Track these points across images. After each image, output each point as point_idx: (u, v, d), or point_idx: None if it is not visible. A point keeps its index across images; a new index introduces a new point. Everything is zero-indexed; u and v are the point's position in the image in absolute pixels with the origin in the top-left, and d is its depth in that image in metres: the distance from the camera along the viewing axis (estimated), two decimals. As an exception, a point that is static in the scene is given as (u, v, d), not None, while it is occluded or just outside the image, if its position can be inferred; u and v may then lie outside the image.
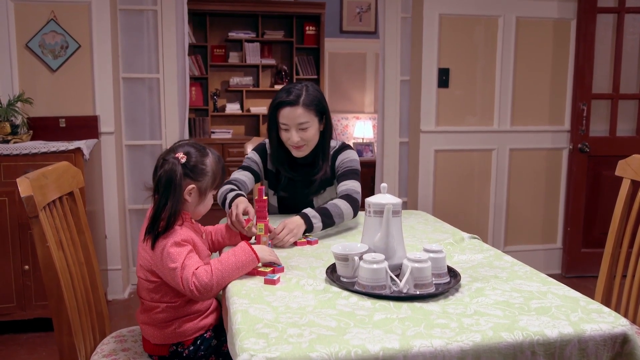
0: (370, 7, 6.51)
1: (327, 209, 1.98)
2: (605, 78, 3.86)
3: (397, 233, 1.49)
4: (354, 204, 2.05)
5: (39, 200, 1.47)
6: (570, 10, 3.79)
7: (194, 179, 1.62)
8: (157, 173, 1.61)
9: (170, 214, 1.54)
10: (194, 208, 1.67)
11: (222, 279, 1.49)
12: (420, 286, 1.37)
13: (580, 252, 3.93)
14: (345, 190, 2.09)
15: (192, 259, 1.53)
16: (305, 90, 2.09)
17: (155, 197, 1.60)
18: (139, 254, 1.65)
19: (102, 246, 3.37)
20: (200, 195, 1.65)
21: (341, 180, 2.15)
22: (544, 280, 1.50)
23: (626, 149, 3.82)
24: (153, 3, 3.51)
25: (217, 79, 6.32)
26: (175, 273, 1.51)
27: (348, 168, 2.18)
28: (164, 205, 1.54)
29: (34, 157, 2.85)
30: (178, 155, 1.59)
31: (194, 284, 1.48)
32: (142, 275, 1.65)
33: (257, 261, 1.53)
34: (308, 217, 1.91)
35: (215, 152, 1.71)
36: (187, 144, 1.65)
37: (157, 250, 1.55)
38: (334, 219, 1.97)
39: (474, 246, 1.84)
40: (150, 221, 1.56)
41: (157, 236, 1.55)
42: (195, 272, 1.50)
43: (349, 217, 2.04)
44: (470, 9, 3.70)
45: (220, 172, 1.70)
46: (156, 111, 3.60)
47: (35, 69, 3.25)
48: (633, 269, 1.96)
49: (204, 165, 1.64)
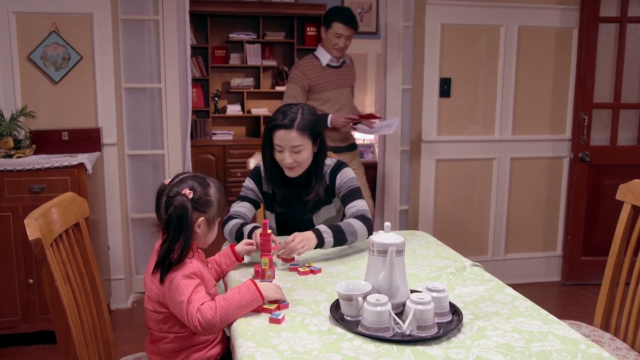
0: (371, 7, 6.49)
1: (340, 226, 2.03)
2: (606, 87, 3.86)
3: (400, 272, 1.51)
4: (367, 223, 2.09)
5: (46, 238, 1.49)
6: (572, 20, 3.79)
7: (202, 212, 1.67)
8: (161, 210, 1.64)
9: (183, 248, 1.58)
10: (204, 239, 1.72)
11: (225, 316, 1.52)
12: (423, 328, 1.39)
13: (580, 260, 3.96)
14: (357, 212, 2.14)
15: (199, 294, 1.56)
16: (300, 114, 2.12)
17: (164, 232, 1.63)
18: (147, 285, 1.67)
19: (106, 256, 3.40)
20: (208, 226, 1.70)
21: (348, 201, 2.19)
22: (544, 318, 1.52)
23: (627, 158, 3.85)
24: (155, 13, 3.51)
25: (218, 80, 6.31)
26: (182, 307, 1.54)
27: (350, 188, 2.22)
28: (176, 240, 1.57)
29: (38, 172, 2.86)
30: (185, 192, 1.62)
31: (198, 319, 1.51)
32: (150, 307, 1.67)
33: (262, 300, 1.55)
34: (319, 231, 1.97)
35: (214, 180, 1.76)
36: (187, 178, 1.68)
37: (166, 281, 1.58)
38: (346, 236, 2.02)
39: (475, 276, 1.86)
40: (162, 257, 1.58)
41: (168, 269, 1.58)
42: (200, 307, 1.52)
43: (363, 237, 2.08)
44: (472, 19, 3.70)
45: (223, 200, 1.74)
46: (158, 121, 3.61)
47: (38, 81, 3.25)
48: (632, 293, 1.98)
49: (208, 196, 1.68)
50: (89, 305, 1.76)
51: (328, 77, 3.56)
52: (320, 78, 3.54)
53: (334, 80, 3.58)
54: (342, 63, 3.64)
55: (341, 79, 3.61)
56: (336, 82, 3.58)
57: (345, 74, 3.66)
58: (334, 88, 3.58)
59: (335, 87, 3.58)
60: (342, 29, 3.46)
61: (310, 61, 3.59)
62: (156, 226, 1.66)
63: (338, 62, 3.61)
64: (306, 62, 3.59)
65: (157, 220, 1.68)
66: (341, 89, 3.61)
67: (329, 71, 3.57)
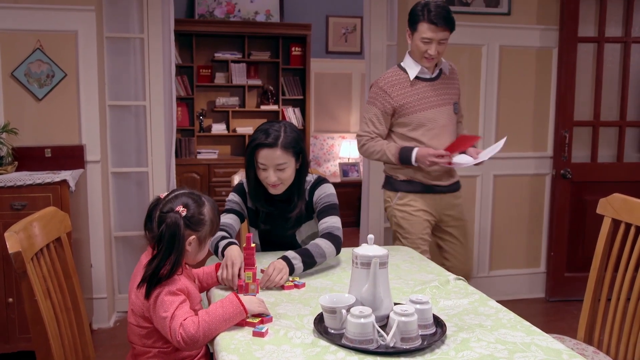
0: (355, 27, 6.57)
1: (308, 249, 2.02)
2: (586, 105, 3.93)
3: (383, 284, 1.51)
4: (335, 241, 2.09)
5: (27, 251, 1.48)
6: (551, 40, 3.87)
7: (194, 230, 1.66)
8: (153, 223, 1.63)
9: (173, 265, 1.57)
10: (194, 256, 1.71)
11: (209, 330, 1.51)
12: (407, 339, 1.39)
13: (564, 276, 3.98)
14: (326, 229, 2.13)
15: (183, 309, 1.55)
16: (283, 132, 2.12)
17: (153, 247, 1.62)
18: (131, 300, 1.66)
19: (88, 275, 3.35)
20: (199, 244, 1.69)
21: (321, 217, 2.19)
22: (527, 329, 1.53)
23: (607, 175, 3.91)
24: (140, 31, 3.52)
25: (203, 99, 6.32)
26: (165, 322, 1.53)
27: (326, 204, 2.21)
28: (167, 257, 1.56)
29: (19, 189, 2.83)
30: (178, 209, 1.61)
31: (181, 334, 1.50)
32: (134, 321, 1.66)
33: (245, 313, 1.54)
34: (288, 258, 1.95)
35: (210, 199, 1.74)
36: (182, 195, 1.67)
37: (151, 297, 1.57)
38: (315, 259, 2.01)
39: (459, 289, 1.86)
40: (151, 273, 1.56)
41: (155, 285, 1.56)
42: (183, 323, 1.51)
43: (331, 256, 2.08)
44: (455, 38, 3.71)
45: (217, 219, 1.74)
46: (142, 138, 3.60)
47: (21, 97, 3.24)
48: (614, 307, 2.00)
49: (202, 215, 1.67)
50: (70, 322, 1.74)
51: (419, 94, 2.76)
52: (407, 96, 2.75)
53: (428, 98, 2.77)
54: (439, 73, 2.83)
55: (438, 94, 2.80)
56: (431, 100, 2.77)
57: (444, 88, 2.83)
58: (428, 107, 2.76)
59: (429, 106, 2.77)
60: (431, 31, 2.63)
61: (394, 74, 2.80)
62: (146, 239, 1.66)
63: (432, 72, 2.82)
64: (389, 76, 2.81)
65: (146, 233, 1.67)
66: (438, 107, 2.78)
67: (420, 86, 2.77)
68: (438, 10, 2.63)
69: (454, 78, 2.90)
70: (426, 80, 2.79)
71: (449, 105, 2.82)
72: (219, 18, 6.13)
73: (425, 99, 2.76)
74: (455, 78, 2.92)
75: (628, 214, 1.98)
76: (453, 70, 2.91)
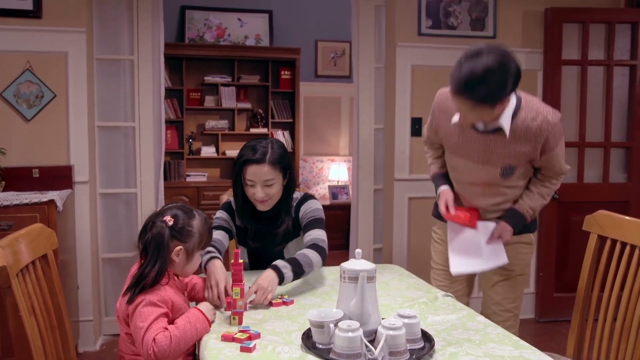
0: (344, 51, 6.65)
1: (297, 258, 2.03)
2: (571, 127, 3.98)
3: (371, 298, 1.51)
4: (321, 252, 2.10)
5: (12, 267, 1.46)
6: (536, 62, 3.94)
7: (181, 241, 1.70)
8: (144, 235, 1.67)
9: (157, 273, 1.61)
10: (182, 268, 1.74)
11: (178, 345, 1.54)
12: (395, 353, 1.39)
13: (553, 296, 3.99)
14: (311, 240, 2.14)
15: (159, 323, 1.56)
16: (270, 148, 2.14)
17: (142, 257, 1.66)
18: (118, 306, 1.68)
19: (74, 296, 3.31)
20: (187, 256, 1.73)
21: (307, 230, 2.20)
22: (516, 344, 1.53)
23: (594, 195, 3.94)
24: (130, 53, 3.55)
25: (193, 122, 6.34)
26: (140, 333, 1.55)
27: (312, 218, 2.23)
28: (152, 265, 1.60)
29: (6, 209, 2.81)
30: (166, 219, 1.66)
31: (153, 348, 1.52)
32: (122, 328, 1.69)
33: (209, 326, 1.62)
34: (278, 267, 1.95)
35: (202, 213, 1.78)
36: (175, 207, 1.73)
37: (133, 303, 1.59)
38: (303, 268, 2.02)
39: (447, 305, 1.86)
40: (136, 279, 1.60)
41: (139, 292, 1.59)
42: (156, 337, 1.53)
43: (318, 266, 2.09)
44: (441, 60, 3.81)
45: (206, 233, 1.77)
46: (131, 159, 3.60)
47: (10, 118, 3.23)
48: (601, 326, 2.00)
49: (190, 227, 1.71)
50: (55, 341, 1.72)
51: (461, 137, 2.20)
52: (448, 129, 2.24)
53: (469, 144, 2.19)
54: (496, 129, 2.10)
55: (481, 150, 2.17)
56: (469, 150, 2.19)
57: (497, 147, 2.13)
58: (465, 157, 2.23)
59: (467, 156, 2.22)
60: (457, 101, 1.98)
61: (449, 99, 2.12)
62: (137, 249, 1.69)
63: (485, 126, 2.13)
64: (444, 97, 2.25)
65: (138, 244, 1.70)
66: (476, 163, 2.20)
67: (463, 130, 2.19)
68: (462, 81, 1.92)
69: (527, 139, 2.10)
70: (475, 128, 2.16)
71: (493, 167, 2.17)
72: (209, 42, 6.18)
73: (465, 145, 2.20)
74: (531, 140, 2.09)
75: (613, 230, 2.00)
76: (529, 131, 2.08)
